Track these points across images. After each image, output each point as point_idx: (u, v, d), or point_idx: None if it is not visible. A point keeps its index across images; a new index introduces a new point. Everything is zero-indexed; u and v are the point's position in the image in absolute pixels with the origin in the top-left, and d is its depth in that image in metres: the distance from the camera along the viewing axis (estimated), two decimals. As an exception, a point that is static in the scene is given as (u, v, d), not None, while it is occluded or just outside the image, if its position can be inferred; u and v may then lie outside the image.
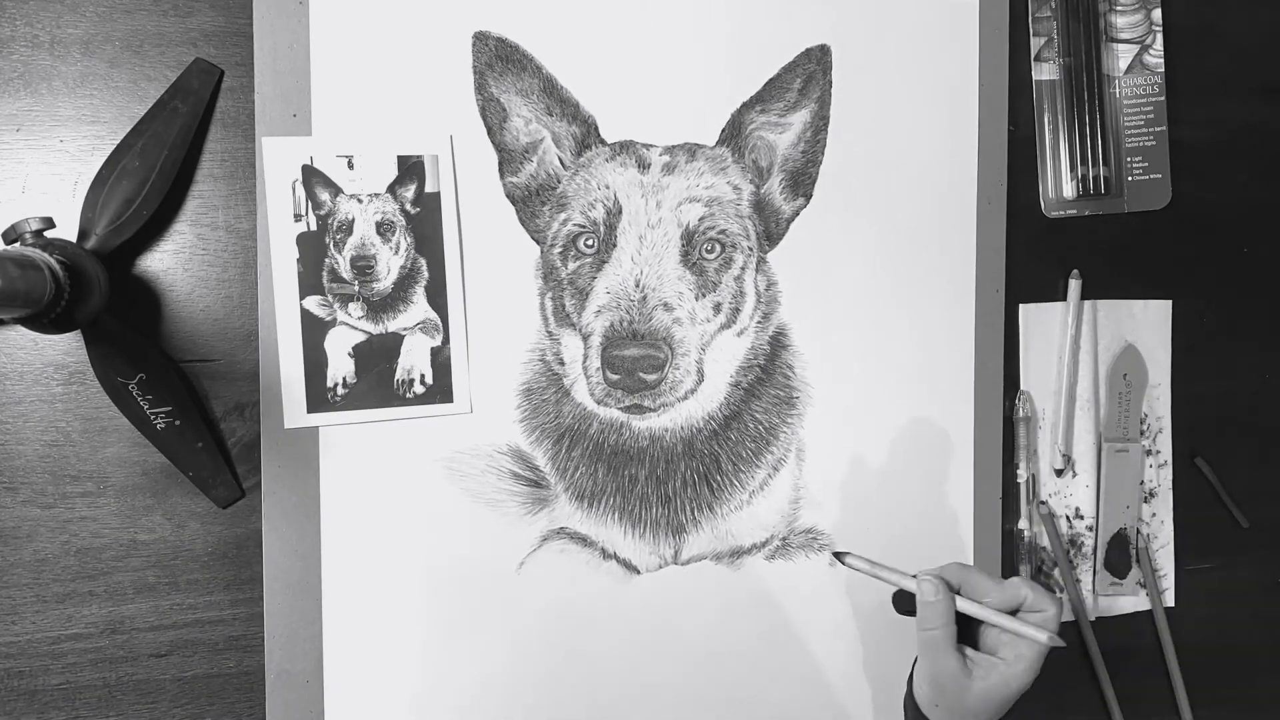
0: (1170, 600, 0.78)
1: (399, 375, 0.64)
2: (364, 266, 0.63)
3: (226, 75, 0.63)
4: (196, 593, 0.64)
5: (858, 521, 0.71)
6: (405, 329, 0.64)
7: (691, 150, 0.68)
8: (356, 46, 0.63)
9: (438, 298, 0.65)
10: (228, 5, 0.63)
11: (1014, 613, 0.59)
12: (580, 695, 0.68)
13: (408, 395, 0.64)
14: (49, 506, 0.62)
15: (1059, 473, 0.76)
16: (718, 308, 0.68)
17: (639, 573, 0.69)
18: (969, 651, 0.59)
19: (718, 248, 0.68)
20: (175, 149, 0.61)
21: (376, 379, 0.64)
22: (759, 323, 0.69)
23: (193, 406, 0.62)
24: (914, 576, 0.61)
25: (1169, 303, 0.77)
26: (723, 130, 0.68)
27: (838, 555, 0.64)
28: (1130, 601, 0.77)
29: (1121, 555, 0.76)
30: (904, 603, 0.62)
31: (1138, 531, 0.76)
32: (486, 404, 0.66)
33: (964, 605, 0.59)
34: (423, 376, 0.65)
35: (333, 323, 0.63)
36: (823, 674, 0.71)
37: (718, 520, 0.69)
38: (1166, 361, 0.77)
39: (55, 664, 0.62)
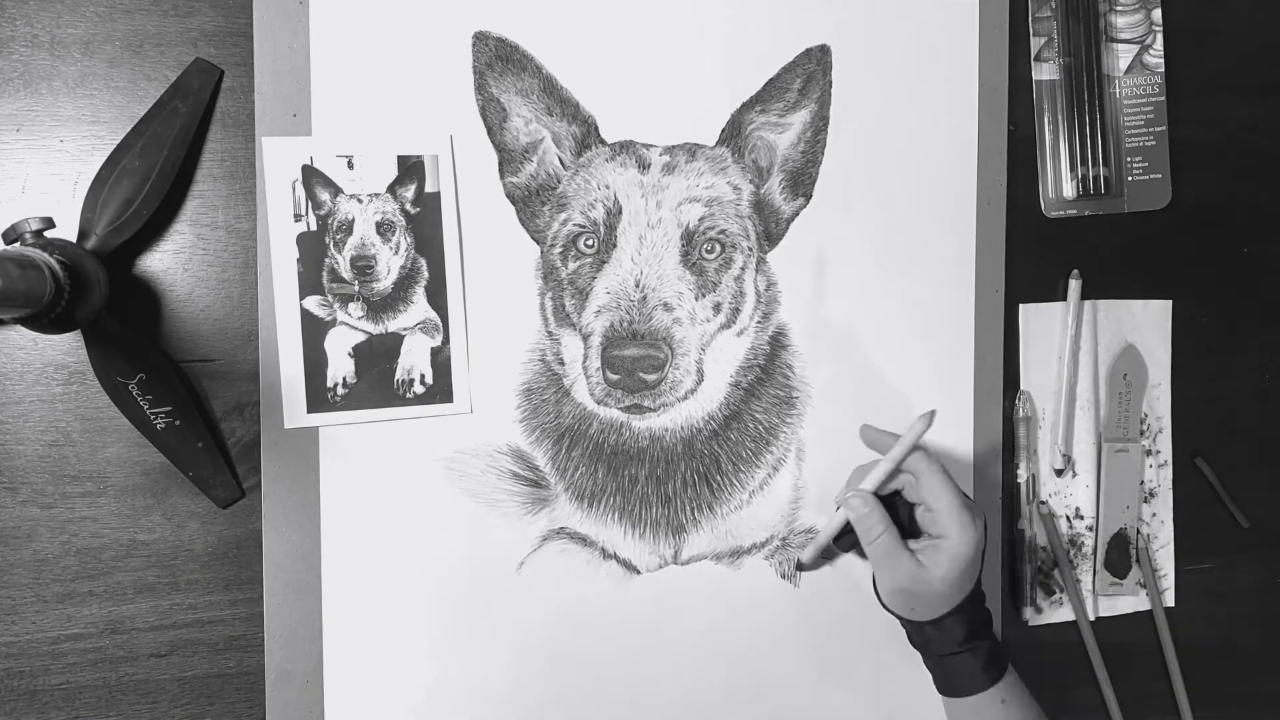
0: (1170, 600, 0.78)
1: (399, 375, 0.64)
2: (364, 266, 0.63)
3: (226, 75, 0.63)
4: (196, 593, 0.64)
5: (858, 521, 0.71)
6: (405, 329, 0.64)
7: (691, 150, 0.68)
8: (356, 46, 0.63)
9: (438, 298, 0.65)
10: (228, 5, 0.63)
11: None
12: (580, 695, 0.68)
13: (408, 395, 0.64)
14: (49, 506, 0.62)
15: (1059, 473, 0.76)
16: (717, 308, 0.68)
17: (639, 573, 0.69)
18: (912, 544, 0.63)
19: (718, 248, 0.68)
20: (175, 149, 0.61)
21: (376, 379, 0.64)
22: (759, 323, 0.69)
23: (193, 406, 0.62)
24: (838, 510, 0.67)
25: (1169, 302, 0.77)
26: (723, 130, 0.68)
27: (799, 566, 0.70)
28: (1130, 601, 0.77)
29: (1122, 555, 0.76)
30: (845, 543, 0.68)
31: (1138, 531, 0.76)
32: (486, 404, 0.66)
33: (872, 479, 0.64)
34: (423, 376, 0.65)
35: (333, 323, 0.63)
36: (822, 674, 0.71)
37: (718, 520, 0.69)
38: (1167, 361, 0.77)
39: (55, 664, 0.62)
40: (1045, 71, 0.75)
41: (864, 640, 0.71)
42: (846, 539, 0.67)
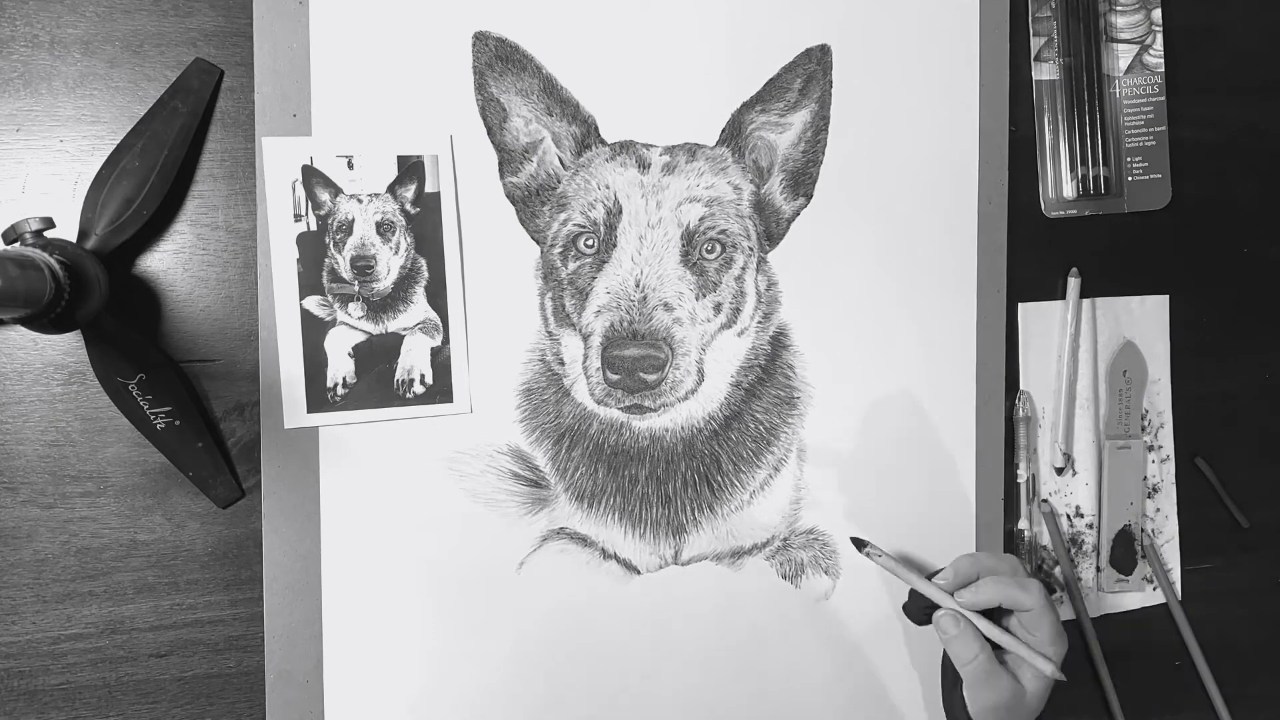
0: (1179, 593, 0.78)
1: (399, 375, 0.64)
2: (364, 266, 0.63)
3: (226, 75, 0.63)
4: (196, 593, 0.64)
5: (858, 522, 0.71)
6: (405, 329, 0.64)
7: (692, 150, 0.68)
8: (356, 46, 0.63)
9: (438, 298, 0.65)
10: (228, 5, 0.63)
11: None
12: (580, 695, 0.68)
13: (408, 395, 0.64)
14: (49, 506, 0.62)
15: (1059, 471, 0.76)
16: (718, 308, 0.68)
17: (639, 573, 0.69)
18: (1004, 656, 0.61)
19: (718, 248, 0.68)
20: (175, 149, 0.61)
21: (376, 379, 0.64)
22: (759, 323, 0.69)
23: (193, 406, 0.62)
24: (930, 578, 0.62)
25: (1165, 297, 0.77)
26: (723, 130, 0.68)
27: (856, 541, 0.65)
28: (1136, 598, 0.77)
29: (1127, 552, 0.76)
30: (915, 612, 0.63)
31: (1142, 529, 0.76)
32: (486, 404, 0.66)
33: (985, 629, 0.60)
34: (423, 376, 0.65)
35: (333, 323, 0.63)
36: (823, 674, 0.71)
37: (718, 520, 0.69)
38: (1165, 356, 0.77)
39: (55, 664, 0.62)
40: (1045, 71, 0.75)
41: (864, 641, 0.71)
42: (916, 612, 0.63)
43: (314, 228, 0.63)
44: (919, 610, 0.63)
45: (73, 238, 0.58)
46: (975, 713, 0.60)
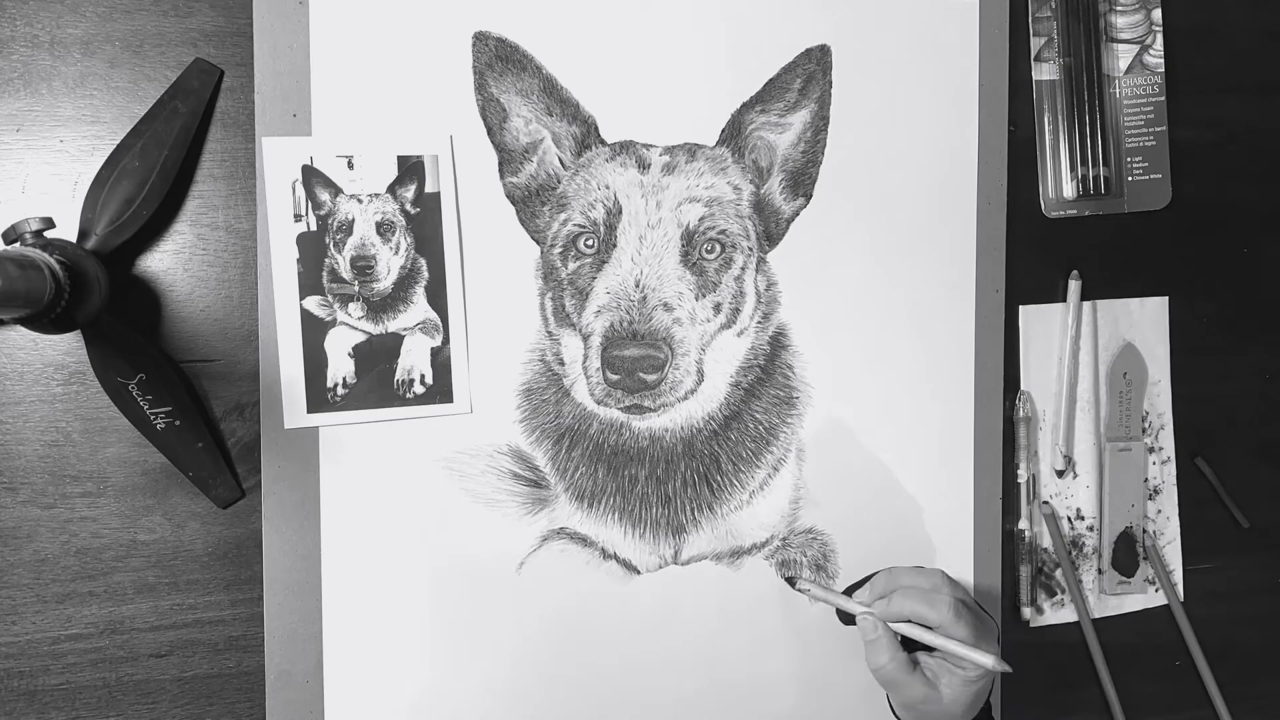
0: (1180, 595, 0.78)
1: (399, 375, 0.64)
2: (364, 266, 0.63)
3: (226, 75, 0.63)
4: (196, 593, 0.64)
5: (858, 521, 0.71)
6: (405, 329, 0.64)
7: (691, 150, 0.68)
8: (356, 46, 0.63)
9: (438, 298, 0.65)
10: (228, 5, 0.63)
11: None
12: (580, 695, 0.68)
13: (408, 395, 0.64)
14: (49, 506, 0.62)
15: (1060, 473, 0.76)
16: (718, 308, 0.68)
17: (639, 573, 0.69)
18: (924, 660, 0.62)
19: (718, 248, 0.68)
20: (175, 149, 0.61)
21: (376, 379, 0.64)
22: (759, 323, 0.69)
23: (193, 406, 0.62)
24: (860, 603, 0.65)
25: (1165, 299, 0.77)
26: (723, 130, 0.68)
27: (788, 580, 0.69)
28: (1138, 600, 0.77)
29: (1129, 554, 0.76)
30: (847, 616, 0.67)
31: (1144, 530, 0.76)
32: (486, 404, 0.66)
33: (906, 630, 0.62)
34: (423, 376, 0.65)
35: (333, 323, 0.63)
36: (822, 674, 0.71)
37: (718, 520, 0.69)
38: (1165, 357, 0.77)
39: (55, 664, 0.62)
40: (1045, 71, 0.75)
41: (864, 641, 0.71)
42: (847, 616, 0.66)
43: (314, 228, 0.63)
44: (848, 615, 0.66)
45: (73, 238, 0.58)
46: (897, 709, 0.65)
